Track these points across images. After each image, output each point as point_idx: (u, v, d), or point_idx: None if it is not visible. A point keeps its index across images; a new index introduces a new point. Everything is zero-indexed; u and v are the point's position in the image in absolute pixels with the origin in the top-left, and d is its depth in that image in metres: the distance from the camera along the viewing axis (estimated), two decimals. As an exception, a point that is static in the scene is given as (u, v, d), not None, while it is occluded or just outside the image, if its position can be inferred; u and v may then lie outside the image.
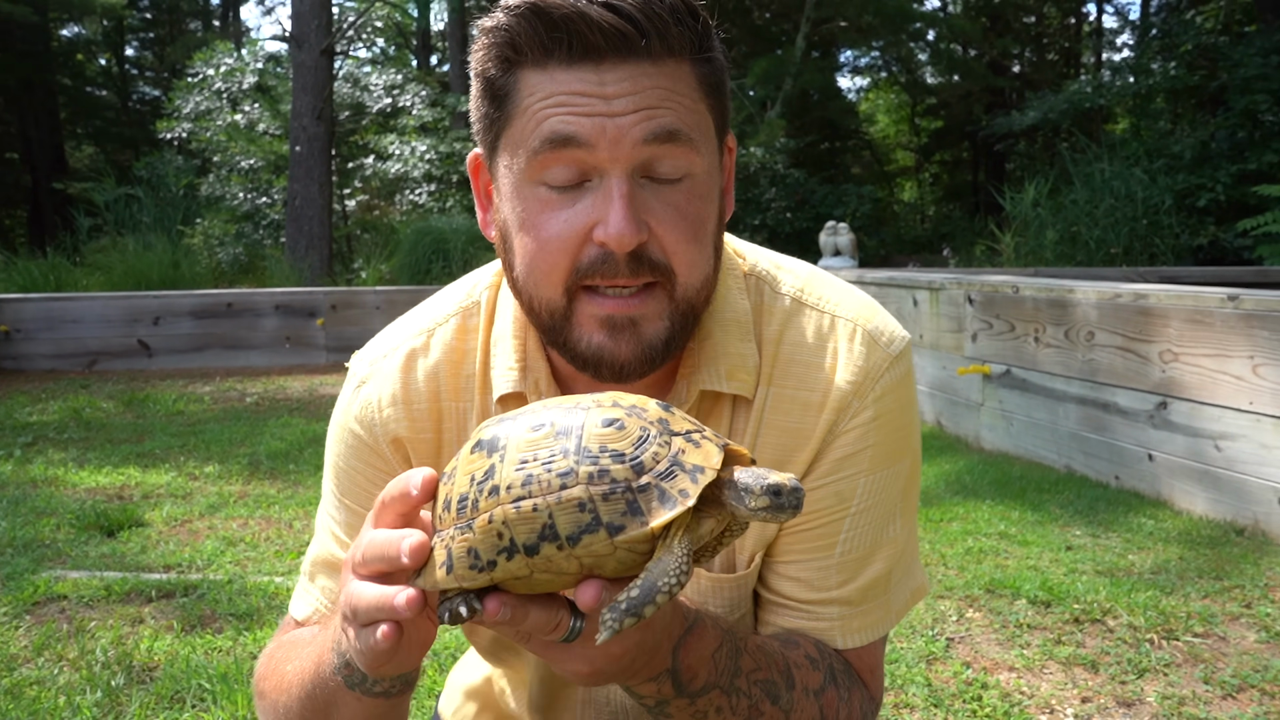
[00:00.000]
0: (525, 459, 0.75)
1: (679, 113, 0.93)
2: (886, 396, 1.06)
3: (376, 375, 1.12)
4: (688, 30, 0.94)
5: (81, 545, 3.79)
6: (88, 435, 5.97)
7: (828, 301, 1.10)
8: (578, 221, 0.94)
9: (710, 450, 0.77)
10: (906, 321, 6.55)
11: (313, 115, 13.35)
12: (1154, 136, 14.64)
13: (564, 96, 0.92)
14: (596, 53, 0.91)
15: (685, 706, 0.93)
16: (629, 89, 0.91)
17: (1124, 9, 33.72)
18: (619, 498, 0.73)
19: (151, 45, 30.25)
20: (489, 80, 0.97)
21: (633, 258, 0.93)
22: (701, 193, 0.98)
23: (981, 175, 24.96)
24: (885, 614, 1.12)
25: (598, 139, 0.91)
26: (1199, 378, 4.06)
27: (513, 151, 0.96)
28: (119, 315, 9.09)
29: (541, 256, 0.95)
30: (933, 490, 4.66)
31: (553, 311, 0.98)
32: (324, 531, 1.17)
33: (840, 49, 24.92)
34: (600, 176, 0.93)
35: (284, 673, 1.05)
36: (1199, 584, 3.27)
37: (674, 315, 0.98)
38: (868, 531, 1.08)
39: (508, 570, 0.75)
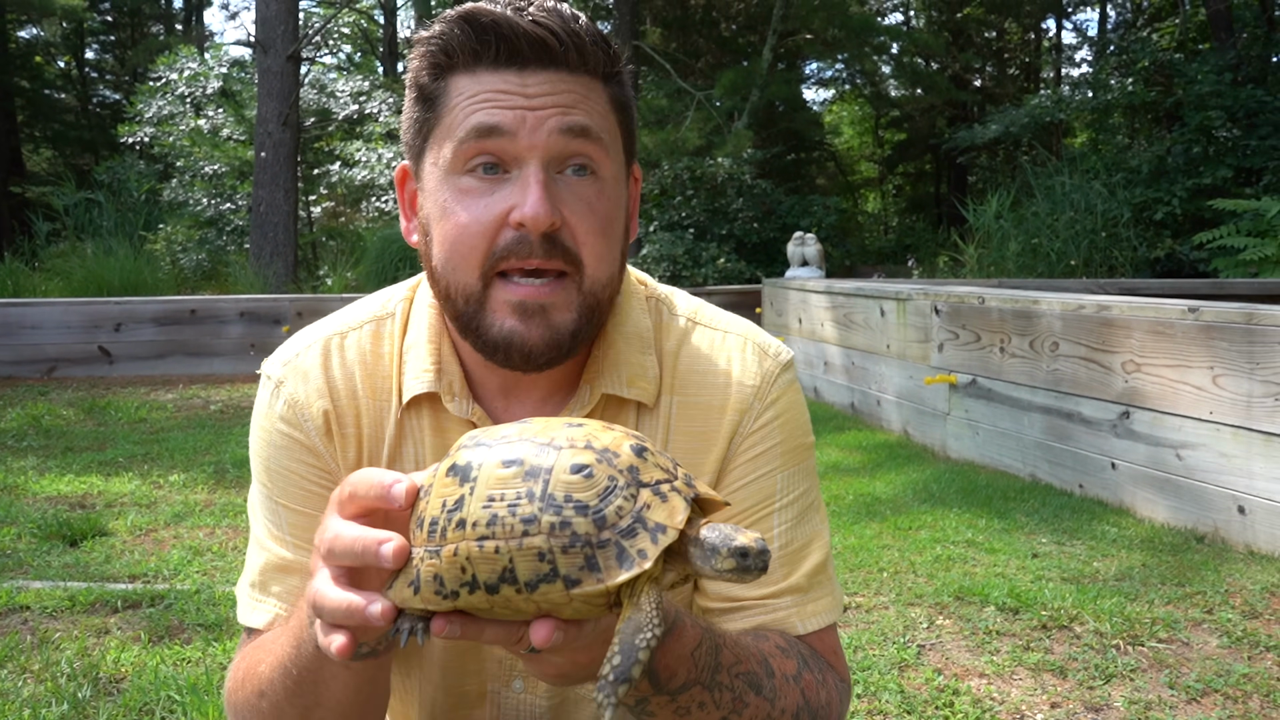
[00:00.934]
0: (493, 497, 0.76)
1: (591, 115, 1.03)
2: (783, 398, 1.16)
3: (294, 374, 1.14)
4: (601, 53, 1.04)
5: (44, 555, 3.72)
6: (48, 443, 5.87)
7: (718, 321, 1.20)
8: (496, 207, 1.01)
9: (676, 506, 0.77)
10: (874, 332, 6.62)
11: (278, 121, 13.23)
12: (1112, 151, 14.93)
13: (489, 94, 1.01)
14: (520, 58, 1.01)
15: (666, 703, 0.94)
16: (548, 89, 1.01)
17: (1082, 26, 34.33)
18: (578, 551, 0.74)
19: (112, 48, 29.84)
20: (421, 87, 1.06)
21: (546, 240, 1.00)
22: (610, 194, 1.06)
23: (944, 187, 25.30)
24: (834, 599, 1.18)
25: (518, 128, 1.00)
26: (1160, 388, 4.14)
27: (439, 146, 1.04)
28: (79, 321, 8.95)
29: (461, 240, 1.02)
30: (900, 499, 4.70)
31: (468, 297, 1.03)
32: (265, 538, 1.15)
33: (806, 61, 25.15)
34: (519, 167, 1.01)
35: (259, 673, 1.04)
36: (1162, 590, 3.33)
37: (581, 308, 1.04)
38: (797, 524, 1.16)
39: (469, 602, 0.77)
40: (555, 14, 1.02)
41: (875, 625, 3.09)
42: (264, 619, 1.13)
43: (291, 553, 1.13)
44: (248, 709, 1.06)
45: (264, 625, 1.13)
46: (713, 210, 15.34)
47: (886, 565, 3.65)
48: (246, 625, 1.16)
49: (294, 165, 13.82)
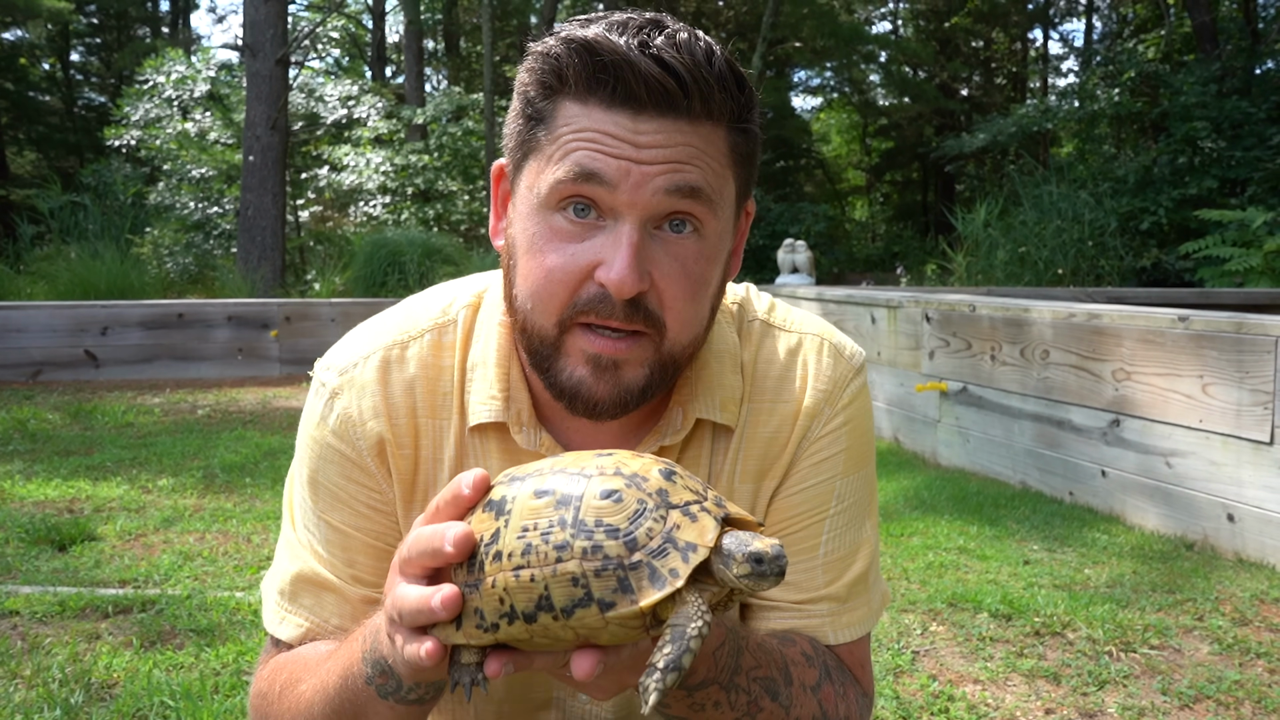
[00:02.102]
0: (526, 527, 0.77)
1: (704, 173, 0.96)
2: (853, 404, 1.14)
3: (351, 386, 1.09)
4: (730, 99, 0.96)
5: (32, 560, 3.69)
6: (34, 447, 5.82)
7: (792, 322, 1.17)
8: (583, 258, 0.95)
9: (706, 525, 0.78)
10: (865, 339, 6.64)
11: (266, 125, 13.19)
12: (1099, 160, 15.04)
13: (596, 134, 0.93)
14: (637, 101, 0.93)
15: (682, 698, 0.94)
16: (661, 141, 0.93)
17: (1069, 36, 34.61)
18: (610, 574, 0.75)
19: (98, 51, 29.70)
20: (528, 100, 0.99)
21: (629, 304, 0.95)
22: (709, 254, 1.00)
23: (931, 195, 25.42)
24: (869, 610, 1.16)
25: (620, 181, 0.93)
26: (1150, 396, 4.17)
27: (537, 174, 0.98)
28: (65, 325, 8.88)
29: (543, 284, 0.97)
30: (892, 505, 4.72)
31: (543, 339, 1.00)
32: (301, 548, 1.12)
33: (795, 69, 25.26)
34: (615, 219, 0.95)
35: (299, 693, 1.02)
36: (1153, 598, 3.35)
37: (655, 365, 1.00)
38: (846, 531, 1.14)
39: (509, 633, 0.78)
40: (686, 52, 0.93)
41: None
42: (292, 633, 1.11)
43: (329, 572, 1.10)
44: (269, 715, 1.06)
45: (293, 639, 1.11)
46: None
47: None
48: (272, 634, 1.13)
49: (282, 169, 13.78)
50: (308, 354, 9.27)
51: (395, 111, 18.37)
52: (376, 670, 0.91)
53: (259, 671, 1.13)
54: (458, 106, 17.97)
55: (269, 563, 3.77)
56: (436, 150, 17.51)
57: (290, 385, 8.73)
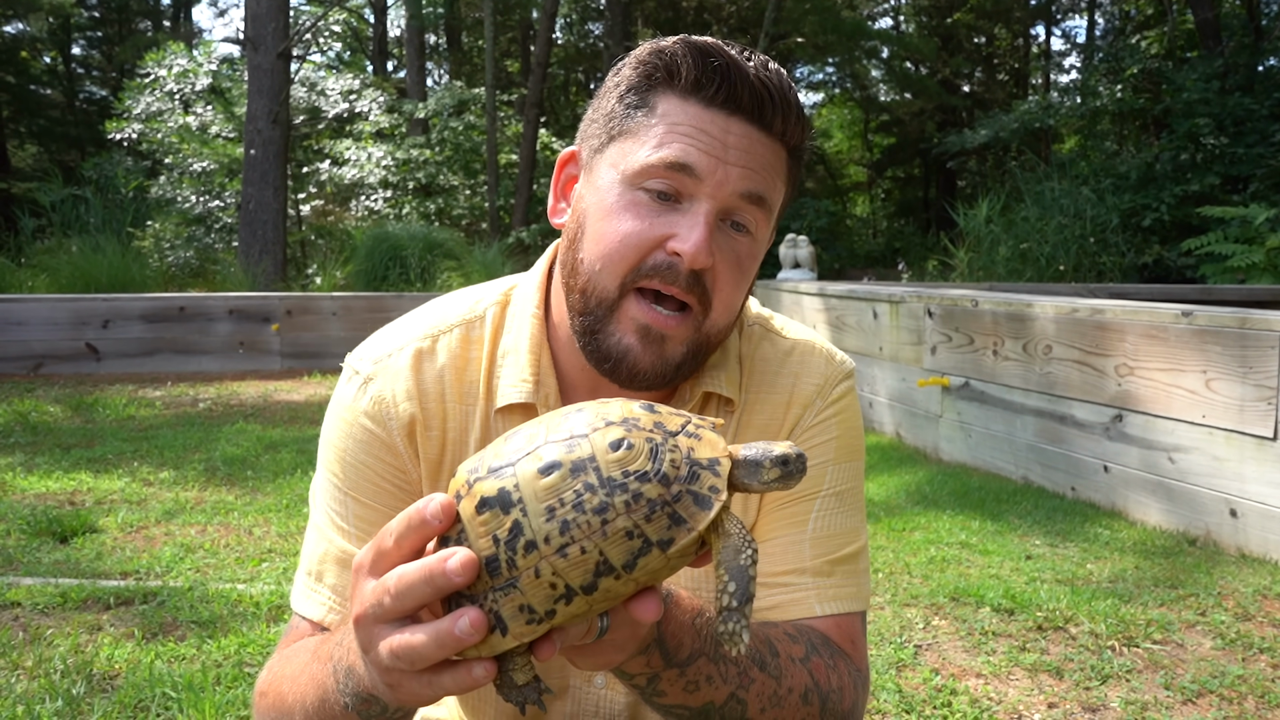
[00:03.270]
0: (552, 506, 0.75)
1: (769, 183, 1.08)
2: (844, 399, 1.24)
3: (384, 372, 1.16)
4: (799, 128, 1.10)
5: (33, 552, 3.69)
6: (35, 440, 5.82)
7: (787, 330, 1.28)
8: (659, 230, 1.05)
9: (712, 439, 0.81)
10: (867, 334, 6.63)
11: (268, 119, 13.17)
12: (1101, 157, 15.01)
13: (694, 129, 1.05)
14: (734, 104, 1.05)
15: (676, 678, 0.95)
16: (746, 145, 1.06)
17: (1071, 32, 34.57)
18: (660, 515, 0.75)
19: (99, 44, 29.64)
20: (631, 87, 1.09)
21: (693, 276, 1.05)
22: (756, 254, 1.12)
23: (933, 192, 25.38)
24: (858, 590, 1.20)
25: (708, 174, 1.04)
26: (1153, 391, 4.16)
27: (627, 153, 1.07)
28: (66, 318, 8.87)
29: (617, 246, 1.05)
30: (894, 500, 4.71)
31: (602, 300, 1.07)
32: (327, 528, 1.16)
33: (797, 64, 25.21)
34: (693, 202, 1.05)
35: (283, 692, 1.03)
36: (1156, 593, 3.35)
37: (693, 344, 1.09)
38: (836, 516, 1.20)
39: (567, 613, 0.76)
40: (777, 76, 1.07)
41: (872, 625, 3.09)
42: (317, 611, 1.13)
43: (354, 545, 1.13)
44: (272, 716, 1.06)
45: (317, 618, 1.13)
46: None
47: (881, 566, 3.65)
48: (299, 612, 1.16)
49: (283, 163, 13.76)
50: (309, 348, 9.26)
51: (397, 106, 18.34)
52: (357, 700, 0.89)
53: (272, 655, 1.15)
54: (459, 101, 17.94)
55: (270, 555, 3.79)
56: (438, 145, 17.49)
57: (291, 379, 8.72)
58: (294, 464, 5.22)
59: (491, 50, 16.47)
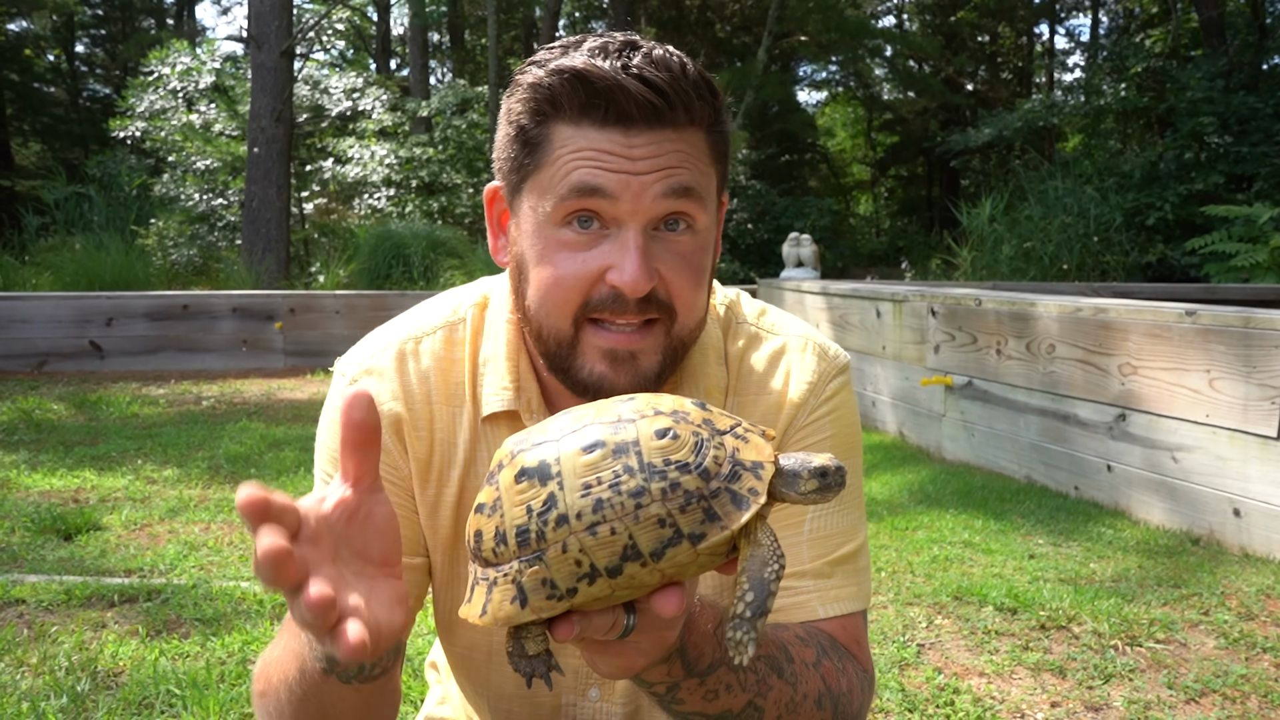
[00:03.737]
0: (589, 483, 0.75)
1: (693, 173, 1.04)
2: (838, 395, 1.22)
3: (370, 374, 1.17)
4: (707, 105, 1.05)
5: (38, 549, 3.69)
6: (39, 437, 5.83)
7: (779, 327, 1.26)
8: (593, 263, 1.03)
9: (760, 443, 0.80)
10: (869, 333, 6.63)
11: (271, 117, 13.18)
12: (1104, 156, 14.99)
13: (593, 153, 1.01)
14: (628, 119, 1.01)
15: (696, 687, 0.95)
16: (653, 152, 1.02)
17: (1075, 31, 34.46)
18: (696, 507, 0.75)
19: (103, 42, 29.66)
20: (522, 128, 1.06)
21: (641, 299, 1.04)
22: (703, 244, 1.09)
23: (936, 190, 25.38)
24: (859, 590, 1.20)
25: (621, 192, 1.01)
26: (1157, 391, 4.16)
27: (540, 195, 1.05)
28: (70, 316, 8.89)
29: (556, 290, 1.04)
30: (897, 499, 4.71)
31: (560, 340, 1.07)
32: None
33: (800, 63, 25.20)
34: (619, 227, 1.03)
35: (269, 675, 1.05)
36: (1159, 592, 3.34)
37: (667, 350, 1.08)
38: (833, 516, 1.19)
39: (589, 594, 0.76)
40: (664, 67, 1.01)
41: (875, 624, 3.09)
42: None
43: None
44: (259, 706, 1.08)
45: None
46: (707, 211, 15.34)
47: (884, 565, 3.65)
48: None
49: (287, 161, 13.77)
50: (312, 346, 9.27)
51: (400, 104, 18.35)
52: (328, 660, 0.89)
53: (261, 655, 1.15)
54: (462, 99, 17.94)
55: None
56: (441, 143, 17.49)
57: (294, 377, 8.73)
58: (297, 462, 5.23)
59: (495, 48, 16.47)
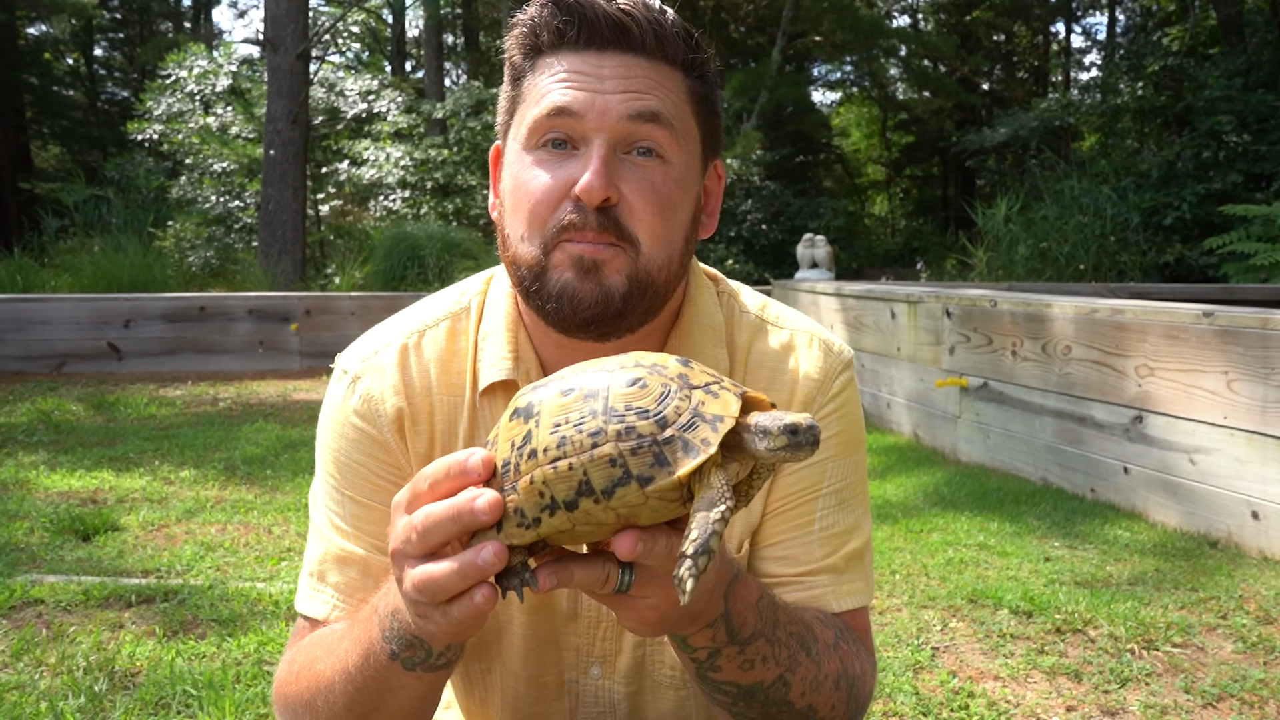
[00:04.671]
0: (558, 422, 0.80)
1: (662, 100, 1.06)
2: (844, 391, 1.22)
3: (371, 370, 1.17)
4: (683, 43, 1.08)
5: (56, 549, 3.73)
6: (58, 438, 5.88)
7: (784, 319, 1.26)
8: (561, 178, 1.05)
9: (728, 399, 0.81)
10: (884, 334, 6.62)
11: (287, 119, 13.25)
12: (1121, 155, 14.88)
13: (566, 74, 1.06)
14: (600, 41, 1.05)
15: (735, 655, 0.97)
16: (622, 74, 1.05)
17: (1091, 29, 34.23)
18: (646, 451, 0.78)
19: (121, 46, 29.89)
20: (514, 66, 1.11)
21: (601, 214, 1.04)
22: (676, 178, 1.08)
23: (952, 190, 25.27)
24: (866, 585, 1.23)
25: (586, 110, 1.04)
26: (1174, 392, 4.13)
27: (519, 123, 1.09)
28: (88, 317, 8.96)
29: (529, 209, 1.06)
30: (911, 501, 4.70)
31: (531, 264, 1.07)
32: (327, 528, 1.18)
33: (814, 63, 25.15)
34: (586, 145, 1.05)
35: (317, 672, 1.05)
36: (1176, 595, 3.32)
37: (633, 277, 1.06)
38: (840, 511, 1.20)
39: (551, 525, 0.80)
40: (641, 4, 1.06)
41: (889, 627, 3.08)
42: (321, 610, 1.15)
43: (353, 544, 1.15)
44: (300, 705, 1.07)
45: (321, 616, 1.15)
46: (722, 212, 15.33)
47: (899, 568, 3.64)
48: (303, 613, 1.17)
49: (303, 163, 13.84)
50: (328, 347, 9.31)
51: (415, 106, 18.40)
52: (403, 645, 0.94)
53: (283, 658, 1.16)
54: (477, 101, 17.97)
55: (289, 554, 3.81)
56: (456, 144, 17.53)
57: (310, 378, 8.77)
58: (312, 463, 5.19)
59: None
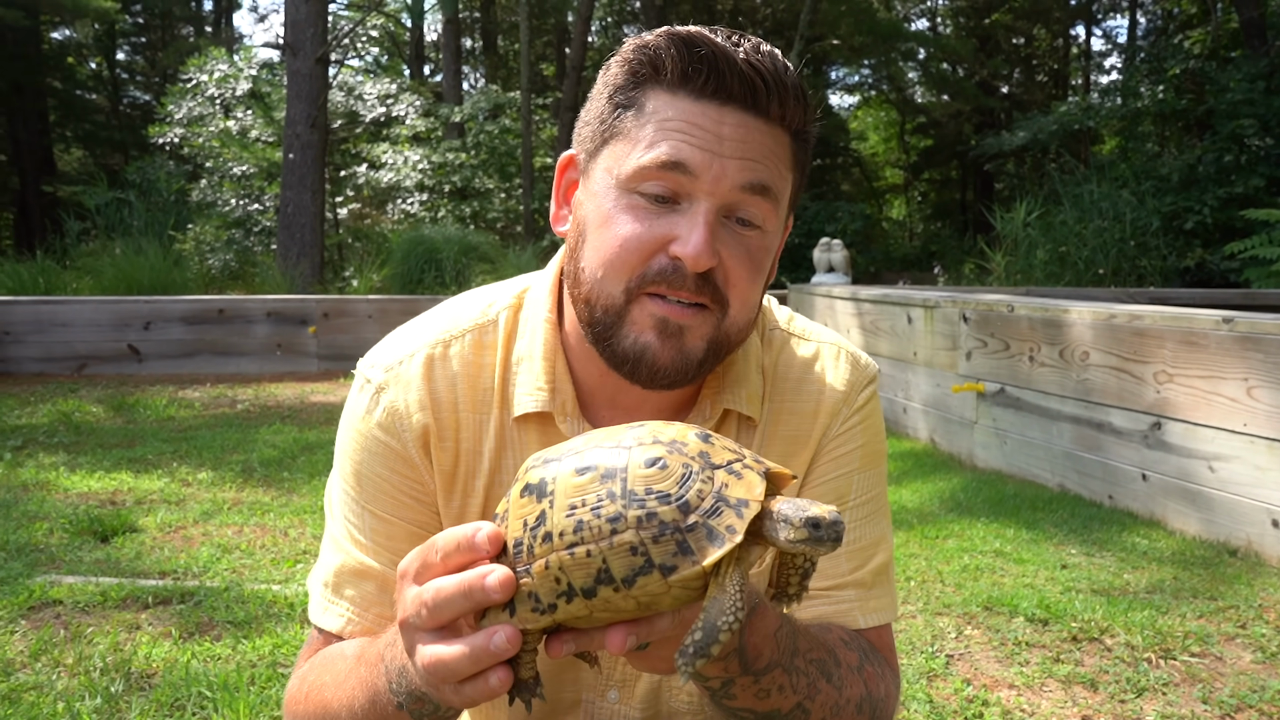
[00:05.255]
0: (574, 504, 0.77)
1: (772, 172, 1.03)
2: (868, 404, 1.22)
3: (397, 381, 1.13)
4: (800, 108, 1.04)
5: (75, 550, 3.76)
6: (78, 439, 5.93)
7: (810, 333, 1.25)
8: (659, 231, 1.01)
9: (753, 481, 0.78)
10: (900, 339, 6.59)
11: (307, 123, 13.33)
12: (1142, 159, 14.78)
13: (685, 124, 1.00)
14: (725, 94, 1.00)
15: (749, 685, 0.96)
16: (742, 136, 1.01)
17: (1112, 32, 34.02)
18: (669, 539, 0.75)
19: (143, 50, 30.18)
20: (618, 88, 1.05)
21: (700, 278, 1.01)
22: (768, 246, 1.07)
23: (970, 194, 25.17)
24: (892, 600, 1.22)
25: (703, 170, 1.00)
26: (1193, 399, 4.09)
27: (620, 156, 1.03)
28: (109, 319, 9.04)
29: (617, 253, 1.02)
30: (927, 508, 4.67)
31: (609, 307, 1.04)
32: (343, 540, 1.15)
33: (832, 66, 25.09)
34: (691, 202, 1.01)
35: (325, 699, 1.04)
36: (1194, 604, 3.29)
37: (714, 342, 1.05)
38: (866, 525, 1.20)
39: (568, 612, 0.77)
40: (769, 59, 1.02)
41: (903, 634, 3.07)
42: (336, 623, 1.14)
43: (371, 558, 1.13)
44: None
45: (336, 630, 1.14)
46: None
47: (914, 574, 3.62)
48: (317, 625, 1.17)
49: (321, 167, 13.93)
50: (345, 350, 9.36)
51: (433, 109, 18.49)
52: (410, 700, 0.92)
53: (295, 669, 1.16)
54: (495, 104, 18.05)
55: (305, 556, 3.82)
56: (474, 148, 17.61)
57: (328, 381, 8.82)
58: (329, 466, 5.24)
59: (527, 54, 16.55)
